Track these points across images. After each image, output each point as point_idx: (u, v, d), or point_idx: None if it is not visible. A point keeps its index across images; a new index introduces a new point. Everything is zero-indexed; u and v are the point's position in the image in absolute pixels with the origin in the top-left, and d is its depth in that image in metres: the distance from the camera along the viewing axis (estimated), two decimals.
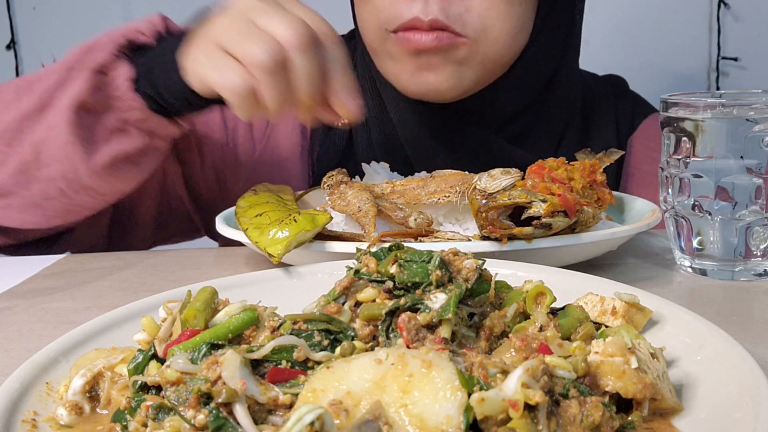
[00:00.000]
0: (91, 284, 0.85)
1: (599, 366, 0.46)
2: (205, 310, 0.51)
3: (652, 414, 0.46)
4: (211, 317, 0.52)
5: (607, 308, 0.57)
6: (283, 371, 0.45)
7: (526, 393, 0.39)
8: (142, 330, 0.54)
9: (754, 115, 0.75)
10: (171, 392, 0.43)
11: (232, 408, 0.41)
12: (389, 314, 0.50)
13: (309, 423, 0.37)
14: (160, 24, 0.97)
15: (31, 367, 0.51)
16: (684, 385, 0.49)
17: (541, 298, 0.55)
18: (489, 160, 1.09)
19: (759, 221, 0.77)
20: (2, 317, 0.75)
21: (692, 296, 0.76)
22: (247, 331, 0.50)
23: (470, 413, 0.39)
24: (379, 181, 0.94)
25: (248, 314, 0.50)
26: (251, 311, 0.50)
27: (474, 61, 1.01)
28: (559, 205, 0.75)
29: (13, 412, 0.46)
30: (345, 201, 0.86)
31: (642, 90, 1.31)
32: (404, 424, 0.39)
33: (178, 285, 0.67)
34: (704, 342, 0.51)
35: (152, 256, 0.97)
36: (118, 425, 0.45)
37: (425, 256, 0.53)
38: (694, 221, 0.80)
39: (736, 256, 0.78)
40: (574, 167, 0.83)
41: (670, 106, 0.80)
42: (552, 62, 1.12)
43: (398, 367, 0.41)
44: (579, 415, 0.41)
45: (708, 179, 0.77)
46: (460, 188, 0.84)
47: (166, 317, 0.55)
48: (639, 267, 0.85)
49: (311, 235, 0.76)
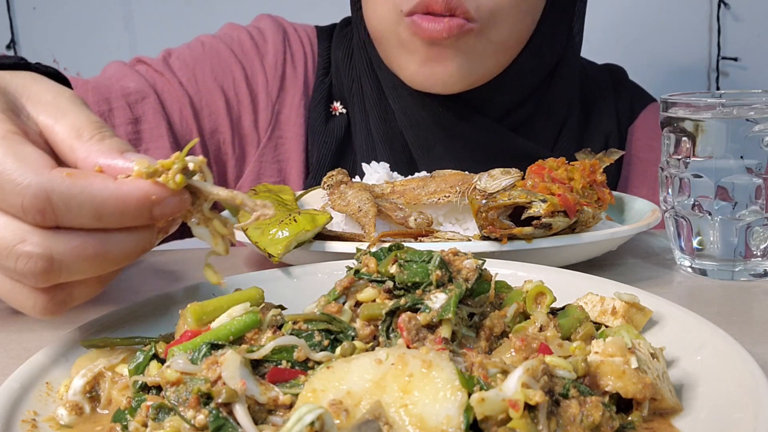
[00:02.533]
0: None
1: (599, 366, 0.46)
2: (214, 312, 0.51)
3: (652, 414, 0.46)
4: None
5: (607, 308, 0.57)
6: (283, 371, 0.45)
7: (526, 393, 0.39)
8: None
9: (754, 115, 0.75)
10: (171, 392, 0.43)
11: (232, 408, 0.41)
12: (389, 314, 0.50)
13: (309, 423, 0.37)
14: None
15: (31, 367, 0.51)
16: (684, 385, 0.49)
17: (541, 298, 0.55)
18: (490, 149, 1.10)
19: (759, 221, 0.77)
20: (2, 317, 0.75)
21: (692, 296, 0.76)
22: (248, 333, 0.49)
23: (470, 413, 0.39)
24: (378, 181, 0.94)
25: (250, 317, 0.49)
26: (253, 314, 0.50)
27: (482, 52, 1.01)
28: (559, 205, 0.75)
29: (13, 412, 0.46)
30: (345, 201, 0.86)
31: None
32: (404, 424, 0.39)
33: (178, 285, 0.67)
34: (704, 342, 0.51)
35: (152, 256, 0.97)
36: (118, 425, 0.45)
37: (425, 256, 0.53)
38: (694, 221, 0.80)
39: (736, 256, 0.78)
40: (574, 167, 0.83)
41: (670, 106, 0.80)
42: (556, 52, 1.13)
43: (398, 367, 0.41)
44: (579, 415, 0.41)
45: (708, 179, 0.77)
46: (460, 188, 0.84)
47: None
48: (639, 267, 0.85)
49: (311, 235, 0.76)
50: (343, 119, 1.17)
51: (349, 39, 1.20)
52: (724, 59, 2.18)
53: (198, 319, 0.51)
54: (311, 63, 1.20)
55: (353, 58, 1.18)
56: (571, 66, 1.17)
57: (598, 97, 1.22)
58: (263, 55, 1.19)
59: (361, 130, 1.15)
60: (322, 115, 1.17)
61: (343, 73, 1.18)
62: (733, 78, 2.19)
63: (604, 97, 1.22)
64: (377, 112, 1.13)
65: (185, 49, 1.19)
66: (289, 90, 1.18)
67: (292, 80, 1.19)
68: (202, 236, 0.53)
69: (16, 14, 2.38)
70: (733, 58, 2.17)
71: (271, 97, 1.18)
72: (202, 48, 1.19)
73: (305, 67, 1.20)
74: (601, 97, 1.22)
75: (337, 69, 1.19)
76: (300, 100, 1.18)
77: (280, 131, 1.18)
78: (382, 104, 1.13)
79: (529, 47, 1.07)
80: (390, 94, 1.11)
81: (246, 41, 1.19)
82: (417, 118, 1.10)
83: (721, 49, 2.18)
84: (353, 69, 1.17)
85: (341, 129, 1.16)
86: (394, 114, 1.12)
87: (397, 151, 1.11)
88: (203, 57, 1.17)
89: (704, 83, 2.22)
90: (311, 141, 1.17)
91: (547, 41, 1.09)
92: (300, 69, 1.19)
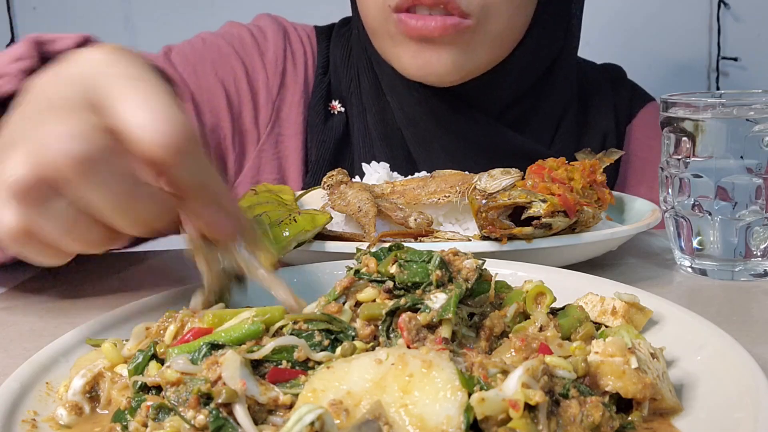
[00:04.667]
0: (91, 284, 0.85)
1: (599, 366, 0.46)
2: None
3: (652, 414, 0.46)
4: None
5: (607, 308, 0.57)
6: (283, 371, 0.45)
7: (526, 393, 0.39)
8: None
9: (754, 115, 0.75)
10: (171, 393, 0.43)
11: (232, 408, 0.41)
12: (389, 314, 0.50)
13: (309, 423, 0.37)
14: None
15: (31, 367, 0.51)
16: (684, 385, 0.49)
17: (541, 298, 0.55)
18: (488, 146, 1.09)
19: (759, 221, 0.77)
20: (2, 317, 0.75)
21: (692, 296, 0.76)
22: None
23: (470, 413, 0.39)
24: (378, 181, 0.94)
25: (254, 328, 0.48)
26: (256, 325, 0.48)
27: (477, 44, 1.01)
28: (559, 205, 0.75)
29: (13, 412, 0.46)
30: (345, 201, 0.86)
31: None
32: (404, 424, 0.39)
33: (178, 285, 0.67)
34: (704, 342, 0.51)
35: (152, 256, 0.97)
36: (118, 425, 0.45)
37: (425, 256, 0.53)
38: (694, 221, 0.80)
39: (736, 256, 0.78)
40: (574, 167, 0.83)
41: (670, 106, 0.80)
42: (553, 47, 1.13)
43: (398, 367, 0.41)
44: (579, 415, 0.41)
45: (708, 179, 0.77)
46: (460, 188, 0.84)
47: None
48: (639, 267, 0.85)
49: (311, 235, 0.76)
50: (341, 118, 1.17)
51: (348, 38, 1.20)
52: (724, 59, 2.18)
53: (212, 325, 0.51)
54: (311, 62, 1.20)
55: (351, 56, 1.18)
56: (569, 64, 1.17)
57: (596, 96, 1.22)
58: (264, 52, 1.19)
59: (359, 128, 1.15)
60: (321, 114, 1.17)
61: (342, 72, 1.18)
62: (733, 78, 2.19)
63: (601, 96, 1.22)
64: (375, 110, 1.13)
65: (186, 45, 1.19)
66: (290, 87, 1.19)
67: (293, 78, 1.19)
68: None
69: (16, 14, 2.38)
70: (733, 58, 2.17)
71: (272, 93, 1.18)
72: (202, 44, 1.19)
73: (305, 66, 1.20)
74: (598, 95, 1.22)
75: (335, 68, 1.20)
76: (300, 98, 1.18)
77: (280, 128, 1.18)
78: (380, 102, 1.13)
79: (525, 42, 1.07)
80: (387, 91, 1.11)
81: (247, 38, 1.19)
82: (414, 115, 1.10)
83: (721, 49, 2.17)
84: (351, 67, 1.18)
85: (340, 127, 1.16)
86: (392, 111, 1.12)
87: (396, 149, 1.11)
88: (204, 53, 1.17)
89: (704, 83, 2.22)
90: (310, 139, 1.17)
91: (544, 37, 1.09)
92: (300, 67, 1.19)
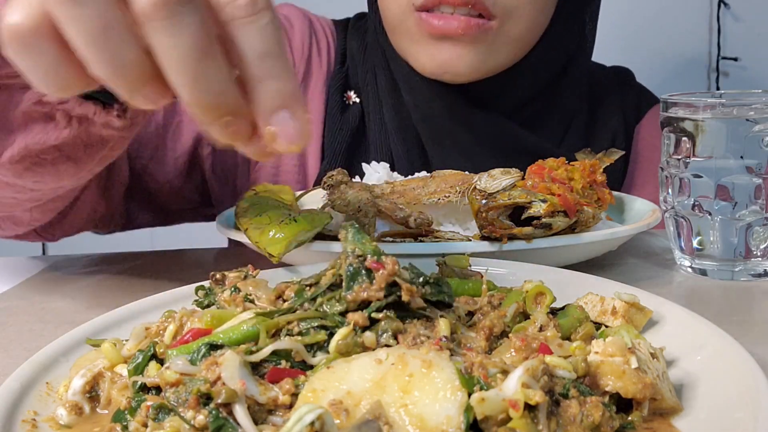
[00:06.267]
0: (91, 284, 0.85)
1: (599, 366, 0.46)
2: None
3: (652, 414, 0.46)
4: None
5: (607, 308, 0.57)
6: (283, 371, 0.45)
7: (526, 393, 0.39)
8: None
9: (754, 115, 0.75)
10: (171, 393, 0.43)
11: (232, 408, 0.41)
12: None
13: (309, 423, 0.37)
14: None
15: (31, 367, 0.51)
16: (684, 385, 0.49)
17: (541, 298, 0.55)
18: (500, 143, 1.10)
19: (759, 221, 0.77)
20: (2, 317, 0.75)
21: (692, 296, 0.76)
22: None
23: (470, 413, 0.39)
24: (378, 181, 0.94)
25: (249, 332, 0.48)
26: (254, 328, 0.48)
27: (499, 45, 1.01)
28: (559, 205, 0.75)
29: (13, 412, 0.46)
30: (345, 201, 0.86)
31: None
32: (404, 424, 0.39)
33: (178, 285, 0.67)
34: (704, 342, 0.51)
35: (152, 256, 0.97)
36: (118, 425, 0.45)
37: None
38: (694, 221, 0.80)
39: (736, 256, 0.78)
40: (574, 167, 0.83)
41: (670, 106, 0.80)
42: (569, 48, 1.13)
43: (398, 367, 0.41)
44: (579, 415, 0.41)
45: (708, 179, 0.77)
46: (460, 188, 0.84)
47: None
48: (639, 267, 0.85)
49: (311, 235, 0.76)
50: (357, 109, 1.17)
51: (364, 31, 1.21)
52: (724, 59, 2.18)
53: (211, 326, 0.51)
54: (333, 53, 1.21)
55: (368, 49, 1.18)
56: (582, 65, 1.18)
57: (605, 98, 1.23)
58: (290, 38, 1.19)
59: (375, 120, 1.16)
60: (338, 104, 1.17)
61: (358, 64, 1.19)
62: (733, 78, 2.19)
63: (610, 98, 1.23)
64: (391, 103, 1.14)
65: None
66: (314, 75, 1.19)
67: (318, 65, 1.19)
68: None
69: None
70: (733, 58, 2.17)
71: (297, 78, 1.17)
72: None
73: (328, 55, 1.21)
74: (608, 97, 1.23)
75: (352, 59, 1.20)
76: (323, 86, 1.19)
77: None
78: (396, 95, 1.14)
79: (543, 43, 1.08)
80: (403, 86, 1.12)
81: None
82: (429, 111, 1.10)
83: (721, 49, 2.18)
84: (367, 61, 1.18)
85: (356, 118, 1.17)
86: (407, 106, 1.12)
87: (410, 142, 1.11)
88: None
89: (704, 83, 2.22)
90: (328, 129, 1.17)
91: (561, 38, 1.10)
92: (324, 56, 1.20)
